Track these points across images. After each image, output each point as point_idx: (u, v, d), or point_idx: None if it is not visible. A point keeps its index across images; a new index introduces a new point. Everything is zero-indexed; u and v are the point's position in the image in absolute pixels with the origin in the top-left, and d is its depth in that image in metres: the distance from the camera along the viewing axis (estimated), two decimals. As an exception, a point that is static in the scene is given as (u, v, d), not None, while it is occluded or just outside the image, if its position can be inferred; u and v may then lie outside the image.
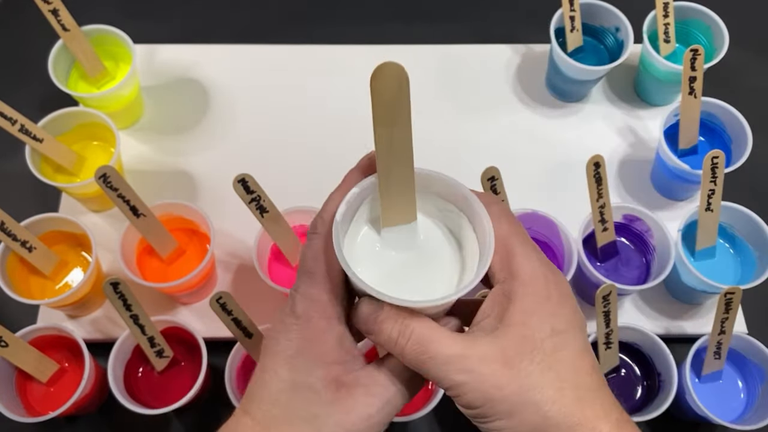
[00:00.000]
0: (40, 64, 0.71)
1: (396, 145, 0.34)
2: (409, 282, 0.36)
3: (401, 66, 0.32)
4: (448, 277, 0.36)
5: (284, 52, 0.84)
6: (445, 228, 0.38)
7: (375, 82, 0.32)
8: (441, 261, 0.37)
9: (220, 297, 0.55)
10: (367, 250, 0.37)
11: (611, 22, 0.78)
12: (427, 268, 0.37)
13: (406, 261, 0.37)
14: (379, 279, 0.36)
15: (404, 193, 0.36)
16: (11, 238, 0.61)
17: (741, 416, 0.63)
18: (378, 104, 0.32)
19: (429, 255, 0.37)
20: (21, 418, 0.57)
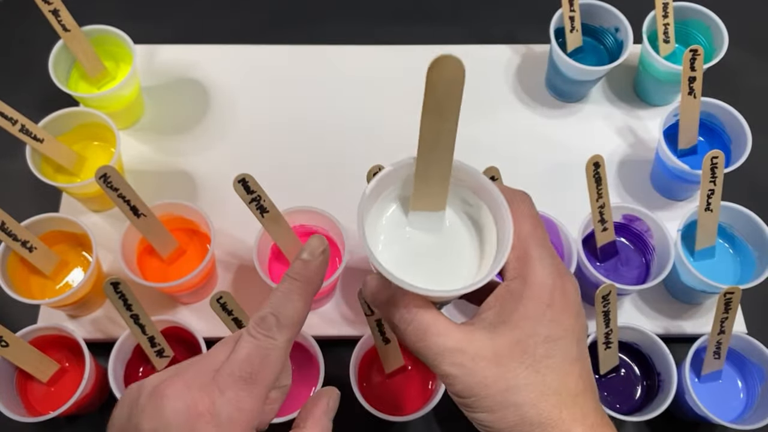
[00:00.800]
0: (41, 64, 0.71)
1: (441, 137, 0.34)
2: (425, 267, 0.37)
3: (460, 61, 0.32)
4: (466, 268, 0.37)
5: (284, 52, 0.85)
6: (469, 220, 0.38)
7: (432, 73, 0.32)
8: (460, 251, 0.37)
9: (220, 297, 0.55)
10: (391, 229, 0.37)
11: (611, 23, 0.78)
12: (445, 256, 0.37)
13: (427, 246, 0.37)
14: (396, 258, 0.36)
15: (439, 182, 0.36)
16: (12, 238, 0.61)
17: (740, 416, 0.63)
18: (431, 95, 0.33)
19: (450, 244, 0.37)
20: (21, 417, 0.58)
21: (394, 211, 0.38)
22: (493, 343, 0.34)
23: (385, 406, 0.62)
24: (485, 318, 0.35)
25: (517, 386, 0.34)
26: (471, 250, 0.37)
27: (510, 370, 0.34)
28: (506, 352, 0.34)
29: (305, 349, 0.63)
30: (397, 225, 0.38)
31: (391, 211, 0.38)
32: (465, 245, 0.37)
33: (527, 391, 0.34)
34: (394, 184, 0.37)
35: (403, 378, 0.64)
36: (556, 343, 0.35)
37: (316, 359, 0.61)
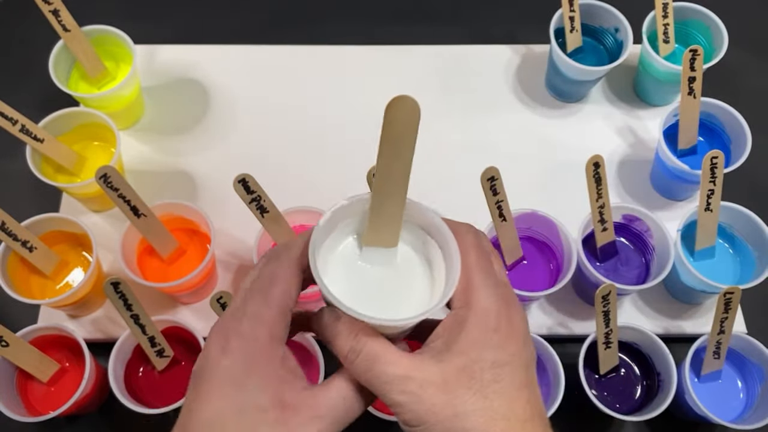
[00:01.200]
0: (41, 64, 0.71)
1: (395, 176, 0.35)
2: (377, 300, 0.37)
3: (416, 103, 0.33)
4: (417, 301, 0.38)
5: (284, 52, 0.85)
6: (421, 256, 0.39)
7: (390, 112, 0.33)
8: (411, 286, 0.38)
9: (220, 297, 0.55)
10: (344, 262, 0.38)
11: (611, 23, 0.78)
12: (397, 291, 0.38)
13: (379, 280, 0.38)
14: (348, 291, 0.37)
15: (392, 220, 0.37)
16: (12, 238, 0.61)
17: (740, 416, 0.63)
18: (387, 133, 0.34)
19: (401, 278, 0.38)
20: (22, 417, 0.58)
21: (348, 244, 0.39)
22: (441, 370, 0.34)
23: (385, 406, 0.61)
24: (434, 346, 0.35)
25: (465, 412, 0.34)
26: (422, 284, 0.38)
27: (458, 396, 0.34)
28: (453, 378, 0.34)
29: (305, 349, 0.63)
30: (351, 258, 0.38)
31: (345, 244, 0.39)
32: (416, 280, 0.38)
33: (475, 416, 0.34)
34: (350, 217, 0.38)
35: (403, 378, 0.64)
36: (503, 369, 0.35)
37: (316, 359, 0.61)
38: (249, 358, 0.35)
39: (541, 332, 0.69)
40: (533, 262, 0.68)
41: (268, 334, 0.35)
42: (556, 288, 0.63)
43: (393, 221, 0.37)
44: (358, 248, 0.39)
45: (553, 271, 0.68)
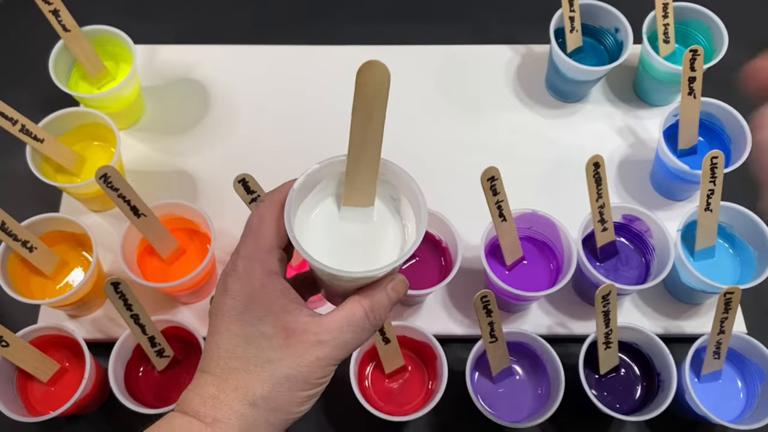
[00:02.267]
0: (41, 64, 0.71)
1: (369, 137, 0.38)
2: (356, 254, 0.40)
3: (386, 67, 0.36)
4: (392, 250, 0.40)
5: (284, 52, 0.85)
6: (393, 210, 0.41)
7: (361, 75, 0.36)
8: (386, 239, 0.40)
9: (220, 297, 0.55)
10: (324, 222, 0.40)
11: (611, 23, 0.78)
12: (372, 246, 0.40)
13: (356, 236, 0.40)
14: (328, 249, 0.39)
15: (367, 180, 0.39)
16: (12, 238, 0.61)
17: (740, 416, 0.63)
18: (359, 96, 0.37)
19: (377, 235, 0.40)
20: (22, 417, 0.58)
21: (327, 204, 0.41)
22: None
23: (385, 406, 0.62)
24: None
25: None
26: (396, 236, 0.40)
27: None
28: None
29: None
30: (330, 218, 0.41)
31: (324, 204, 0.41)
32: (391, 233, 0.40)
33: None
34: (327, 179, 0.40)
35: (403, 378, 0.64)
36: None
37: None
38: (248, 294, 0.38)
39: (541, 332, 0.69)
40: (533, 262, 0.68)
41: (261, 270, 0.38)
42: (556, 288, 0.63)
43: (369, 182, 0.39)
44: (337, 208, 0.41)
45: (553, 271, 0.68)
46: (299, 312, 0.38)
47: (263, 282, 0.38)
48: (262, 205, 0.40)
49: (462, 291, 0.70)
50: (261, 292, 0.38)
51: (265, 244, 0.39)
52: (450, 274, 0.63)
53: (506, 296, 0.64)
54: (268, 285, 0.38)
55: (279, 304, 0.38)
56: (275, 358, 0.37)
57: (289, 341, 0.37)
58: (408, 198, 0.40)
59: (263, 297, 0.38)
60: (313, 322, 0.38)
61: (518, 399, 0.64)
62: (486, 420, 0.60)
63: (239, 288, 0.38)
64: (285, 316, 0.38)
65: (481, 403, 0.60)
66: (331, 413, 0.67)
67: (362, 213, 0.40)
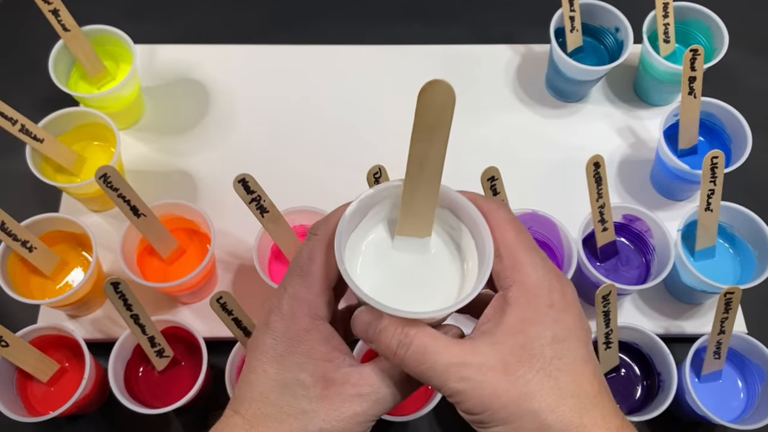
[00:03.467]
0: (41, 64, 0.71)
1: (429, 163, 0.35)
2: (409, 291, 0.37)
3: (450, 85, 0.33)
4: (449, 289, 0.37)
5: (284, 52, 0.85)
6: (451, 241, 0.38)
7: (423, 96, 0.32)
8: (444, 273, 0.37)
9: (220, 297, 0.55)
10: (376, 250, 0.38)
11: (611, 23, 0.78)
12: (429, 280, 0.37)
13: (411, 270, 0.37)
14: (380, 283, 0.36)
15: (425, 209, 0.36)
16: (12, 238, 0.61)
17: (740, 416, 0.63)
18: (421, 120, 0.33)
19: (434, 267, 0.38)
20: (22, 417, 0.57)
21: (380, 231, 0.38)
22: (499, 352, 0.33)
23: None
24: (485, 329, 0.35)
25: (531, 392, 0.33)
26: (454, 271, 0.37)
27: (520, 377, 0.33)
28: (514, 359, 0.33)
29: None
30: (383, 247, 0.38)
31: (376, 231, 0.38)
32: (448, 267, 0.38)
33: (542, 396, 0.33)
34: (381, 203, 0.37)
35: (403, 378, 0.64)
36: (564, 344, 0.34)
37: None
38: (290, 337, 0.36)
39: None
40: (533, 262, 0.68)
41: (307, 313, 0.36)
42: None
43: (426, 211, 0.36)
44: (390, 236, 0.38)
45: (553, 271, 0.67)
46: (341, 361, 0.36)
47: (308, 327, 0.36)
48: (314, 240, 0.37)
49: (462, 291, 0.70)
50: (304, 337, 0.36)
51: (315, 286, 0.36)
52: None
53: (506, 296, 0.64)
54: (312, 331, 0.36)
55: (321, 351, 0.36)
56: (310, 410, 0.35)
57: (327, 392, 0.35)
58: (470, 229, 0.37)
59: (306, 342, 0.36)
60: (354, 373, 0.35)
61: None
62: (486, 420, 0.60)
63: (282, 329, 0.36)
64: (326, 366, 0.35)
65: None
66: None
67: (418, 244, 0.37)
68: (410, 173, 0.35)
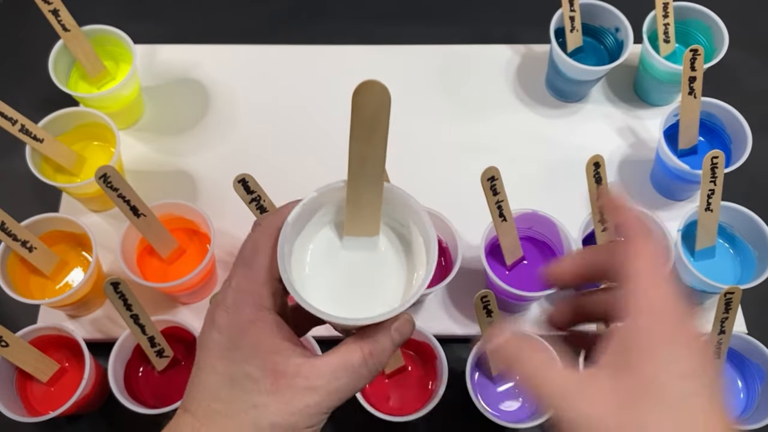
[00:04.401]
0: (41, 64, 0.71)
1: (369, 162, 0.34)
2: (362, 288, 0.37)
3: (384, 86, 0.32)
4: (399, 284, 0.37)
5: (284, 52, 0.85)
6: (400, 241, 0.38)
7: (357, 97, 0.32)
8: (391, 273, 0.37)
9: (220, 297, 0.55)
10: (326, 251, 0.37)
11: (611, 23, 0.78)
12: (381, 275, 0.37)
13: (361, 267, 0.37)
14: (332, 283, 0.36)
15: (370, 209, 0.36)
16: (12, 238, 0.61)
17: (741, 416, 0.63)
18: (357, 120, 0.33)
19: (385, 265, 0.37)
20: (21, 417, 0.58)
21: (325, 235, 0.38)
22: (622, 387, 0.31)
23: (385, 406, 0.62)
24: (607, 361, 0.32)
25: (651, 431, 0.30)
26: (401, 274, 0.37)
27: (645, 414, 0.30)
28: (638, 395, 0.31)
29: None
30: (329, 250, 0.37)
31: (321, 236, 0.38)
32: (397, 270, 0.37)
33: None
34: (324, 208, 0.37)
35: (403, 378, 0.64)
36: (692, 381, 0.31)
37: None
38: (236, 330, 0.35)
39: (541, 332, 0.69)
40: (533, 262, 0.68)
41: (252, 305, 0.35)
42: (556, 288, 0.63)
43: (372, 210, 0.36)
44: (339, 237, 0.38)
45: (553, 271, 0.67)
46: (291, 353, 0.34)
47: (253, 318, 0.35)
48: (258, 231, 0.37)
49: (462, 291, 0.70)
50: (250, 329, 0.34)
51: (259, 277, 0.35)
52: (450, 274, 0.63)
53: (506, 296, 0.64)
54: (258, 321, 0.35)
55: (269, 343, 0.34)
56: (261, 404, 0.34)
57: (277, 385, 0.34)
58: (417, 226, 0.37)
59: (252, 335, 0.34)
60: (306, 365, 0.34)
61: (519, 399, 0.64)
62: (486, 420, 0.60)
63: (227, 323, 0.35)
64: (274, 357, 0.34)
65: (481, 403, 0.60)
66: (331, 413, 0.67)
67: (366, 242, 0.37)
68: (352, 174, 0.35)
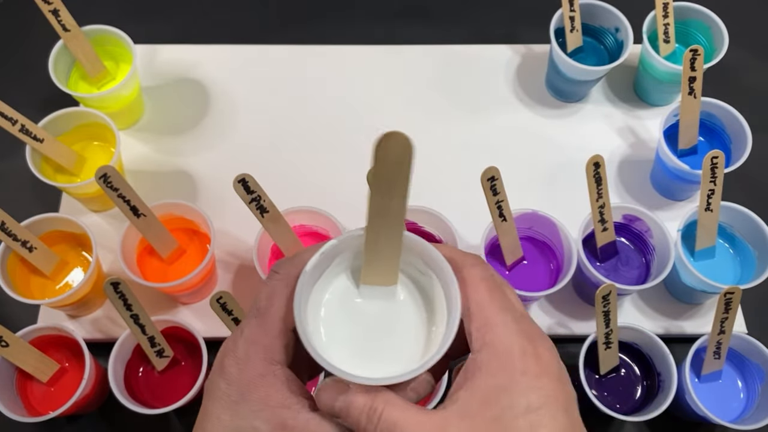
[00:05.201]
0: (41, 64, 0.71)
1: (390, 213, 0.33)
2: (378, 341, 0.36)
3: (408, 138, 0.31)
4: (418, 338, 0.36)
5: (284, 52, 0.85)
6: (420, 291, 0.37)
7: (380, 150, 0.31)
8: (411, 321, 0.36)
9: (220, 297, 0.55)
10: (341, 300, 0.36)
11: (611, 23, 0.78)
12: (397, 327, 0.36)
13: (377, 317, 0.36)
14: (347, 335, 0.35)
15: (389, 257, 0.35)
16: (12, 238, 0.61)
17: (740, 416, 0.63)
18: (378, 173, 0.32)
19: (401, 313, 0.36)
20: (22, 417, 0.58)
21: (342, 283, 0.37)
22: (471, 426, 0.31)
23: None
24: (457, 399, 0.32)
25: None
26: (421, 320, 0.36)
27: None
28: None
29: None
30: (345, 298, 0.36)
31: (337, 284, 0.37)
32: (416, 317, 0.36)
33: None
34: (341, 255, 0.36)
35: (403, 378, 0.64)
36: (538, 413, 0.31)
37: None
38: (245, 384, 0.34)
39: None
40: (533, 262, 0.68)
41: (263, 357, 0.34)
42: (556, 288, 0.63)
43: (390, 260, 0.35)
44: (355, 285, 0.37)
45: (553, 271, 0.68)
46: (300, 407, 0.34)
47: (263, 372, 0.34)
48: (274, 279, 0.36)
49: (462, 291, 0.70)
50: (260, 383, 0.34)
51: (273, 328, 0.35)
52: None
53: (506, 296, 0.64)
54: (268, 376, 0.34)
55: (278, 398, 0.34)
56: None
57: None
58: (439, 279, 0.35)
59: (261, 390, 0.34)
60: (313, 420, 0.33)
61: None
62: (486, 420, 0.60)
63: (236, 374, 0.34)
64: (283, 412, 0.33)
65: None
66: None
67: (384, 291, 0.36)
68: (371, 225, 0.34)
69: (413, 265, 0.37)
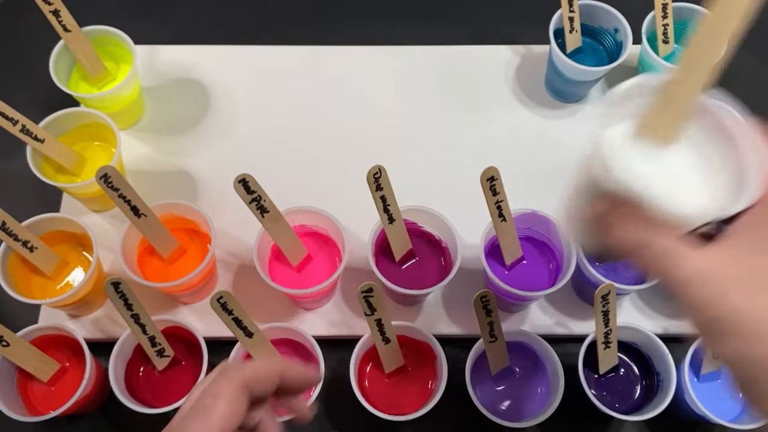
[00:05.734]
0: (42, 64, 0.71)
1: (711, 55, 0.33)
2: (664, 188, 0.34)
3: None
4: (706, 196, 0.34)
5: (284, 53, 0.85)
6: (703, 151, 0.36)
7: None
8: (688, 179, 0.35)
9: (220, 297, 0.55)
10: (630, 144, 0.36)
11: (610, 23, 0.78)
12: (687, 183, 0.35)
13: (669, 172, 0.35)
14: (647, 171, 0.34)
15: (681, 111, 0.35)
16: (12, 238, 0.62)
17: (739, 416, 0.63)
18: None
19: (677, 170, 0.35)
20: (22, 417, 0.58)
21: (626, 131, 0.36)
22: (752, 264, 0.30)
23: (385, 406, 0.62)
24: (740, 238, 0.31)
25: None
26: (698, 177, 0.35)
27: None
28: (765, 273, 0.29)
29: (305, 348, 0.63)
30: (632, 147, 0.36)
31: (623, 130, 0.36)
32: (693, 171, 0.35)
33: None
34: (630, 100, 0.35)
35: (403, 378, 0.64)
36: None
37: (316, 359, 0.61)
38: None
39: (541, 332, 0.69)
40: (533, 262, 0.68)
41: None
42: (556, 288, 0.63)
43: (681, 114, 0.34)
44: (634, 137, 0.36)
45: (552, 271, 0.68)
46: None
47: None
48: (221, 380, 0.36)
49: (462, 291, 0.70)
50: None
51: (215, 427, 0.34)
52: (450, 274, 0.63)
53: (506, 296, 0.65)
54: None
55: None
56: None
57: None
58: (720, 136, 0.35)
59: None
60: None
61: (518, 399, 0.64)
62: (486, 420, 0.60)
63: None
64: None
65: (480, 403, 0.61)
66: (331, 413, 0.67)
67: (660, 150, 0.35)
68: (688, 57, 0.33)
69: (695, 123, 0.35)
